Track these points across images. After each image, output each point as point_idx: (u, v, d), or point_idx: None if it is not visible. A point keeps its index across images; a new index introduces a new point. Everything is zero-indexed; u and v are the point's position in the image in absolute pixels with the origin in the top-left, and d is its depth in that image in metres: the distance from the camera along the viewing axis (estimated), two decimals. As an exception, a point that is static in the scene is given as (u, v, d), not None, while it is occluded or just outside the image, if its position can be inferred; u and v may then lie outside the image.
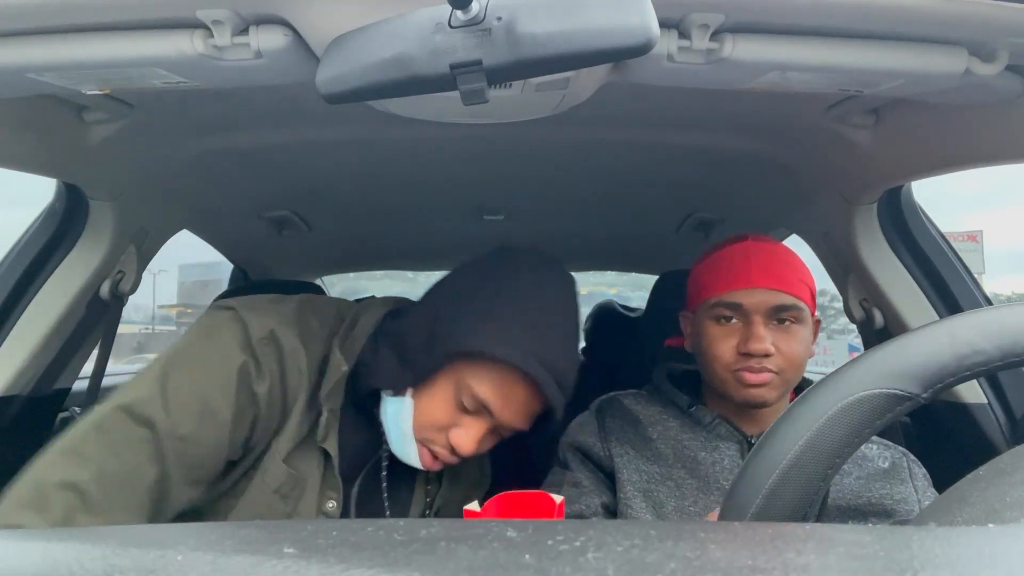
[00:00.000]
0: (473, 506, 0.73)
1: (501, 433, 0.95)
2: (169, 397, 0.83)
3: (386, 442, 0.97)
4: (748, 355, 0.98)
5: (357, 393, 0.94)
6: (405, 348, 0.91)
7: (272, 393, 0.88)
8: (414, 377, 0.90)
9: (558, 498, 0.74)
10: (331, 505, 0.93)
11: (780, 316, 0.99)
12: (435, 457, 0.93)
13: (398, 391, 0.91)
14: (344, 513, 0.96)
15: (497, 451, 1.01)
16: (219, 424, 0.85)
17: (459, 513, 1.07)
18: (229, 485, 0.91)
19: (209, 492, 0.90)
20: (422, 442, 0.92)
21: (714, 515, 0.91)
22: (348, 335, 0.96)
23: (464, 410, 0.90)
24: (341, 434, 0.94)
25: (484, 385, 0.87)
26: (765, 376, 0.98)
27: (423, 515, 1.04)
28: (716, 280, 1.03)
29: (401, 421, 0.91)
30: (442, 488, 1.08)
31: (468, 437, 0.90)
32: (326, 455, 0.93)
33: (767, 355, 0.97)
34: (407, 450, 0.93)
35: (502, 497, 0.73)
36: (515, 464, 1.19)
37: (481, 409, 0.89)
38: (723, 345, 1.00)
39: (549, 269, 0.96)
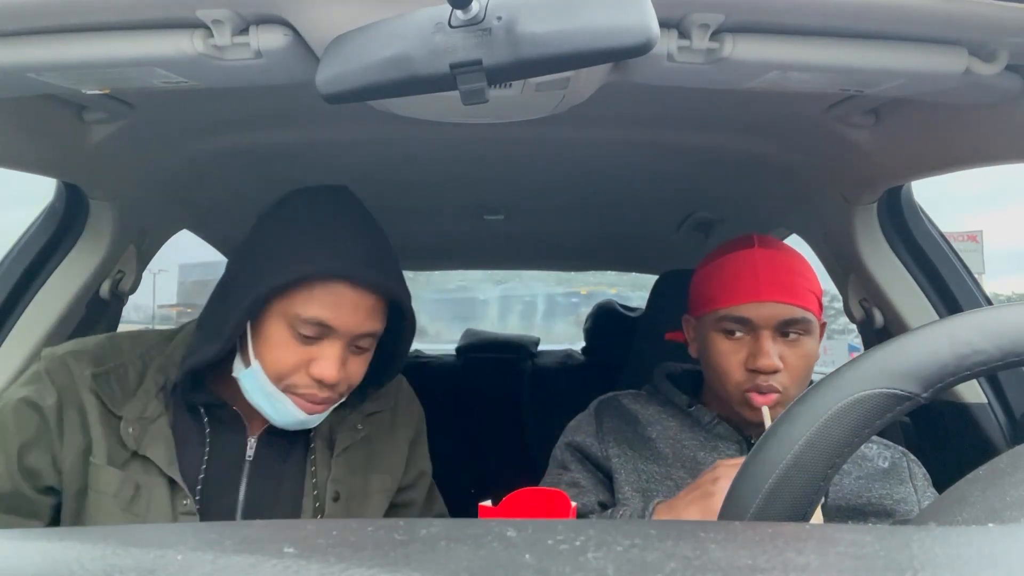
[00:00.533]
0: (488, 503, 0.73)
1: (362, 346, 0.94)
2: None
3: (249, 438, 0.99)
4: (756, 371, 0.97)
5: (184, 395, 0.96)
6: (206, 323, 0.95)
7: (65, 408, 0.92)
8: (224, 340, 0.91)
9: (573, 502, 0.74)
10: (185, 503, 0.93)
11: (787, 330, 0.98)
12: (312, 402, 0.92)
13: (246, 364, 0.92)
14: (226, 512, 0.97)
15: (497, 451, 1.01)
16: (11, 440, 0.91)
17: (367, 501, 1.06)
18: (71, 509, 0.94)
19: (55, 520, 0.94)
20: (287, 391, 0.91)
21: (683, 500, 0.91)
22: (167, 346, 0.99)
23: (308, 340, 0.90)
24: (179, 441, 0.95)
25: (311, 306, 0.88)
26: (772, 398, 0.97)
27: (316, 503, 1.01)
28: (723, 291, 1.01)
29: (261, 384, 0.91)
30: (334, 471, 1.03)
31: (327, 364, 0.89)
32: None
33: (776, 371, 0.97)
34: (282, 409, 0.92)
35: (519, 493, 0.73)
36: (515, 464, 1.19)
37: (322, 330, 0.89)
38: (731, 360, 1.00)
39: (317, 191, 0.99)
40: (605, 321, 2.59)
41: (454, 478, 1.25)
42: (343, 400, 0.98)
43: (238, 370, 0.94)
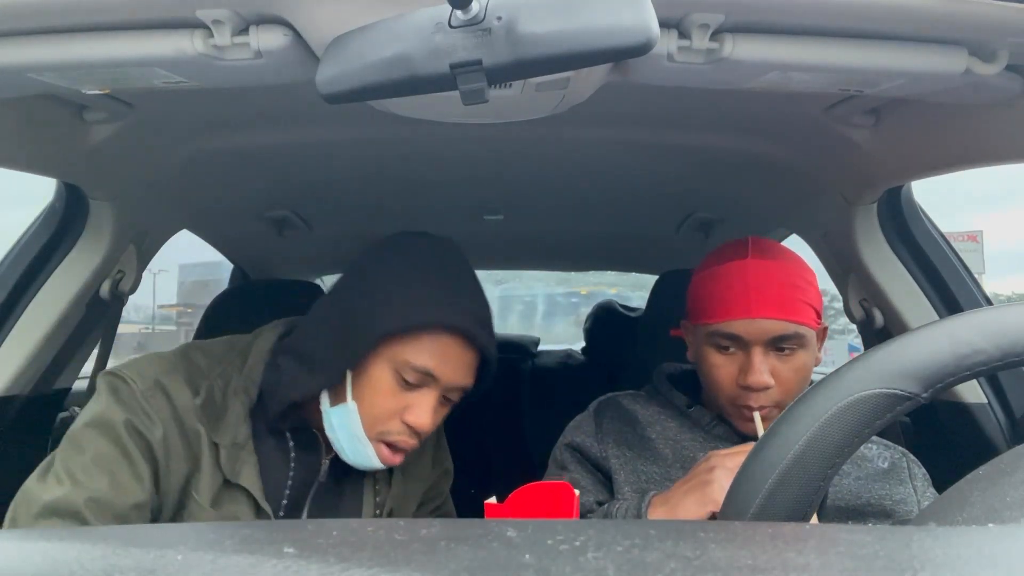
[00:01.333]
0: (493, 499, 0.74)
1: (450, 398, 0.96)
2: (75, 476, 0.84)
3: (323, 460, 0.99)
4: (747, 388, 0.97)
5: (269, 419, 0.95)
6: (312, 356, 0.93)
7: (169, 438, 0.88)
8: (330, 377, 0.91)
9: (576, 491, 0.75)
10: None
11: (780, 345, 0.97)
12: (393, 448, 0.93)
13: (338, 400, 0.92)
14: None
15: (497, 451, 1.01)
16: (126, 481, 0.85)
17: (408, 510, 1.09)
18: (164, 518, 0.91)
19: None
20: (378, 438, 0.92)
21: (678, 491, 0.91)
22: (243, 365, 0.96)
23: (408, 387, 0.91)
24: (264, 465, 0.93)
25: (422, 354, 0.89)
26: (763, 412, 0.97)
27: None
28: (714, 306, 1.00)
29: (350, 425, 0.91)
30: (393, 489, 1.06)
31: (423, 411, 0.91)
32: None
33: (766, 388, 0.96)
34: (363, 453, 0.92)
35: (524, 490, 0.73)
36: (515, 464, 1.19)
37: (425, 379, 0.90)
38: (723, 373, 0.99)
39: (432, 240, 1.00)
40: (605, 321, 2.58)
41: (454, 478, 1.25)
42: None
43: (327, 404, 0.93)
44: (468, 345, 0.92)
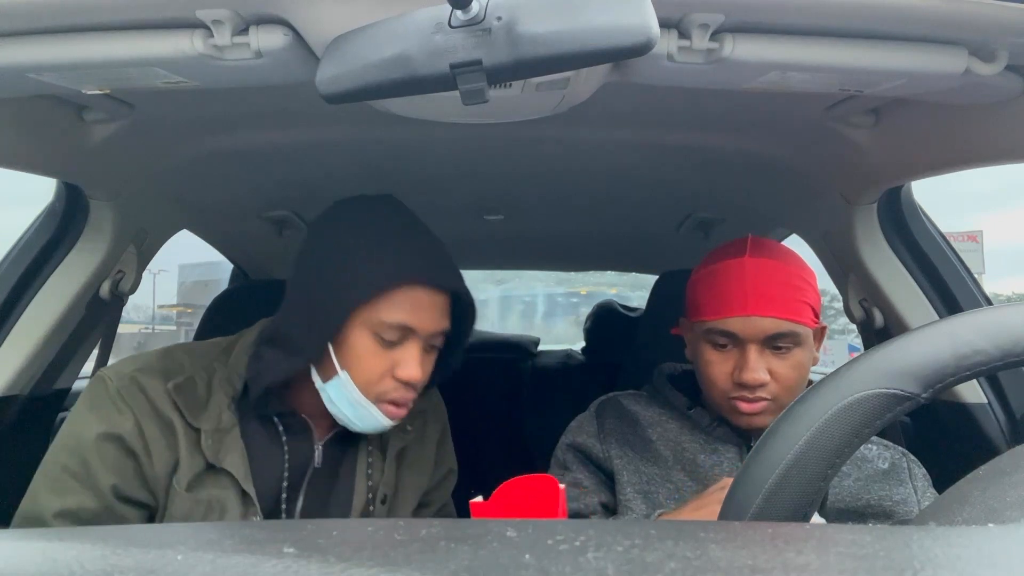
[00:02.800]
0: (479, 498, 0.73)
1: (434, 344, 0.99)
2: (57, 482, 0.91)
3: (316, 446, 1.02)
4: (741, 384, 0.97)
5: (256, 407, 0.97)
6: (289, 338, 0.96)
7: (144, 428, 0.92)
8: (310, 354, 0.94)
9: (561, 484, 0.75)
10: (255, 519, 0.94)
11: (775, 344, 0.97)
12: (396, 404, 0.96)
13: (328, 375, 0.95)
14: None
15: (497, 451, 1.02)
16: (102, 478, 0.90)
17: (406, 501, 1.09)
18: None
19: None
20: (377, 399, 0.94)
21: (696, 502, 0.91)
22: (227, 359, 1.00)
23: (390, 345, 0.94)
24: (255, 453, 0.96)
25: (394, 311, 0.92)
26: (759, 405, 0.97)
27: (367, 506, 1.04)
28: (710, 303, 1.00)
29: (349, 394, 0.94)
30: (385, 475, 1.07)
31: (411, 365, 0.94)
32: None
33: (762, 385, 0.96)
34: (369, 416, 0.95)
35: (508, 485, 0.73)
36: (515, 464, 1.20)
37: (404, 333, 0.94)
38: (718, 371, 1.00)
39: (372, 201, 1.02)
40: (605, 321, 2.58)
41: (454, 478, 1.25)
42: None
43: (320, 382, 0.96)
44: (436, 291, 0.95)
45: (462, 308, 1.02)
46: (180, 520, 0.91)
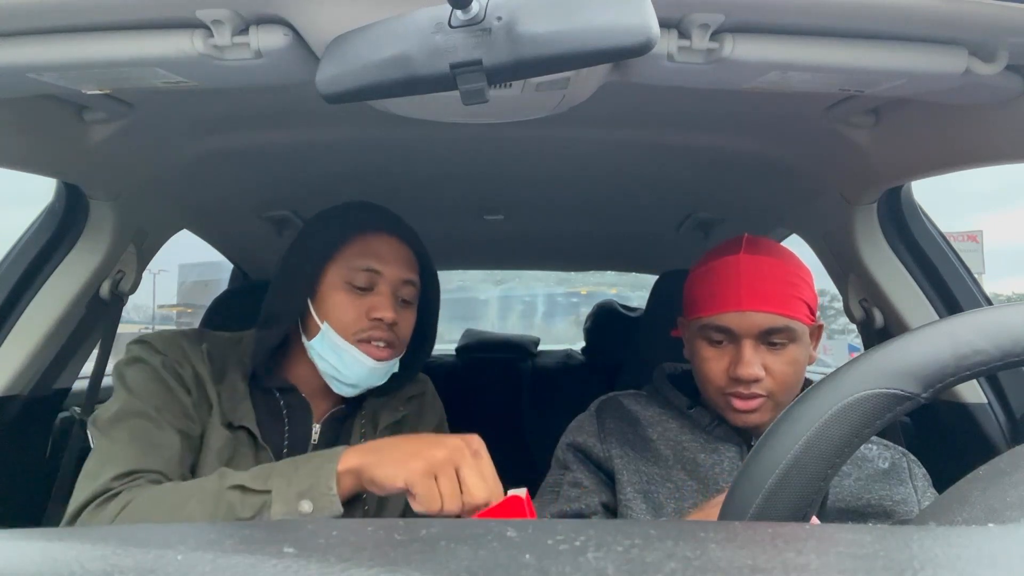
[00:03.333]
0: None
1: (407, 300, 1.09)
2: (132, 391, 0.99)
3: (315, 425, 1.09)
4: (737, 379, 0.97)
5: (261, 381, 1.07)
6: (272, 309, 1.07)
7: (175, 367, 1.02)
8: (291, 312, 1.05)
9: (521, 491, 0.78)
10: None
11: (770, 339, 0.97)
12: (377, 345, 1.04)
13: (313, 332, 1.04)
14: None
15: (497, 451, 1.02)
16: (172, 399, 0.99)
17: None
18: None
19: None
20: (355, 339, 1.03)
21: (701, 512, 0.91)
22: (236, 349, 1.10)
23: (362, 292, 1.04)
24: (262, 420, 1.05)
25: (361, 256, 1.04)
26: (755, 402, 0.98)
27: None
28: (706, 299, 1.01)
29: (332, 341, 1.02)
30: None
31: (383, 304, 1.04)
32: (250, 433, 1.03)
33: (757, 380, 0.97)
34: (352, 358, 1.02)
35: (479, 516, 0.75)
36: (515, 464, 1.19)
37: (372, 277, 1.04)
38: (713, 367, 1.00)
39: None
40: (605, 321, 2.58)
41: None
42: (394, 370, 1.09)
43: (307, 341, 1.05)
44: (399, 241, 1.08)
45: (427, 279, 1.13)
46: (214, 452, 0.99)
